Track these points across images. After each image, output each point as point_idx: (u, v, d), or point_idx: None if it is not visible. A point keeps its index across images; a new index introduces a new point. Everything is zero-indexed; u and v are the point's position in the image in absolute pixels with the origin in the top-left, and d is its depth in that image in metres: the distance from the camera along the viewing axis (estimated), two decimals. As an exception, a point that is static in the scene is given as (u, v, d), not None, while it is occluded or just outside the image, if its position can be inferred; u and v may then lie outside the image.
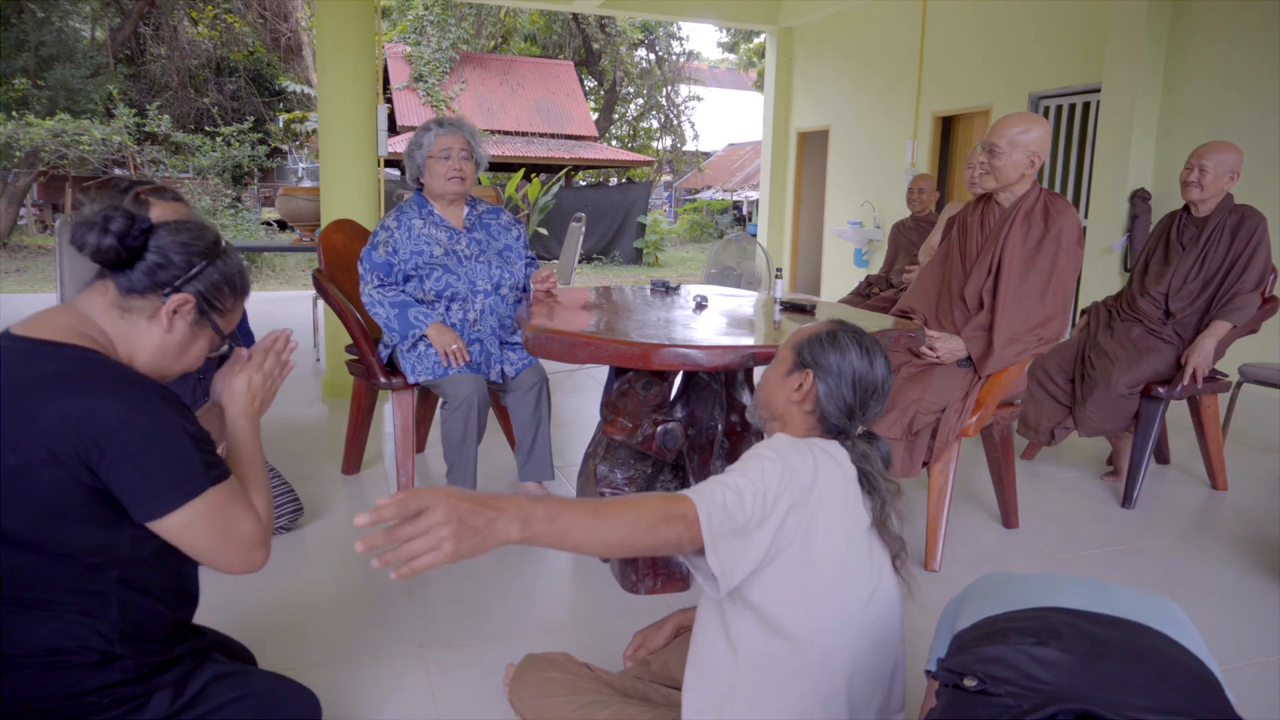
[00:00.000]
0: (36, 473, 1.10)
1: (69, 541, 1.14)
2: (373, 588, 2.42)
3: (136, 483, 1.14)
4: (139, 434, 1.13)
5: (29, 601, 1.15)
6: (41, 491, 1.11)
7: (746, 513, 1.17)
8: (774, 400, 1.45)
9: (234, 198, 12.83)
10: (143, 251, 1.25)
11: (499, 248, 2.98)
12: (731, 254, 5.64)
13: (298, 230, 5.99)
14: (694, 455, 2.52)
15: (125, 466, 1.12)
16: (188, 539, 1.19)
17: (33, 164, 12.12)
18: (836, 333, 1.43)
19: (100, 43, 15.31)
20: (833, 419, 1.39)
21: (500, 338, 2.96)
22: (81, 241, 1.21)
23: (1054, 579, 1.09)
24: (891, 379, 1.44)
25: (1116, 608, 1.00)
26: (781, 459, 1.24)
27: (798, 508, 1.22)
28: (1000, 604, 1.04)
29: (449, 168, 2.84)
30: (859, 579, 1.27)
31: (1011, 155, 2.61)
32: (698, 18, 9.32)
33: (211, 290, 1.30)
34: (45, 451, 1.09)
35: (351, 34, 4.29)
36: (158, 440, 1.15)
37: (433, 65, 15.17)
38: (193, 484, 1.17)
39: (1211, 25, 5.04)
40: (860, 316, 2.73)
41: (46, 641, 1.15)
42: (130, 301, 1.25)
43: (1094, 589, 1.04)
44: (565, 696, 1.50)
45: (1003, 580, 1.12)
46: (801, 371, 1.41)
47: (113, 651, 1.18)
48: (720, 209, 19.22)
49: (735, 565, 1.16)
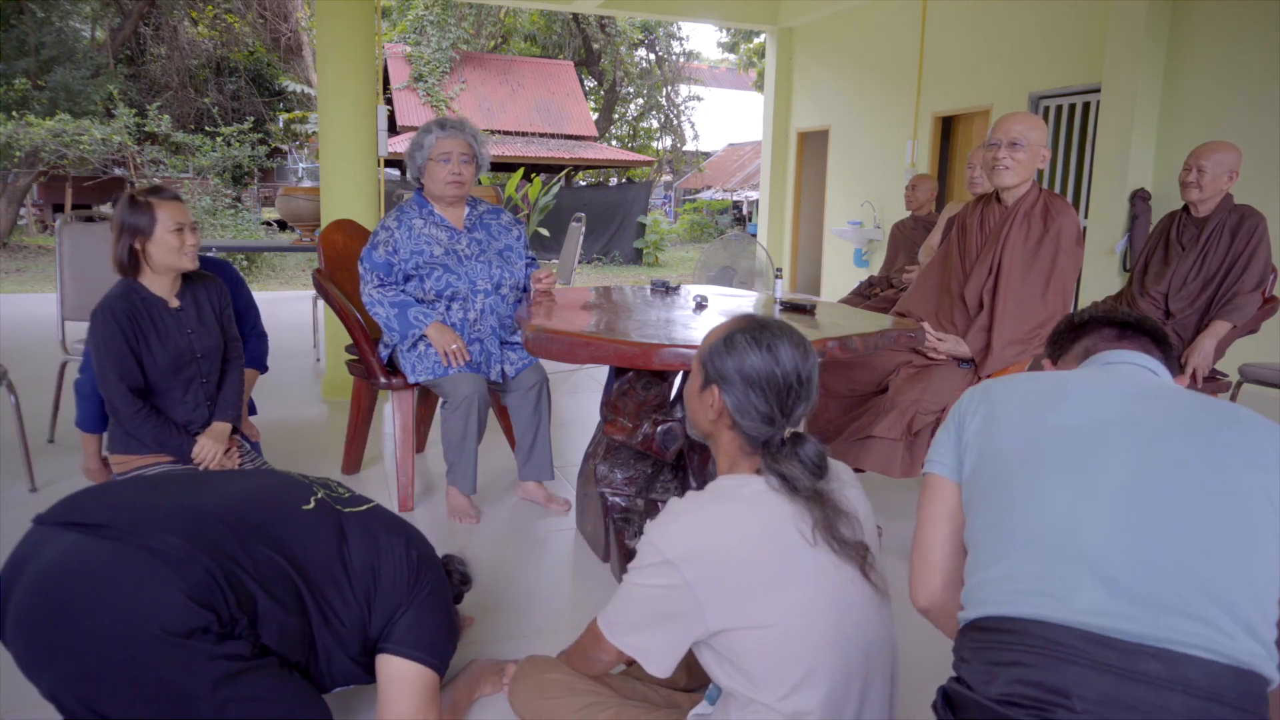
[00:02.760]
0: (397, 560, 1.57)
1: (339, 598, 1.50)
2: (373, 588, 2.42)
3: (414, 624, 1.55)
4: (445, 612, 1.62)
5: (291, 563, 1.44)
6: (383, 570, 1.55)
7: (634, 614, 1.26)
8: (698, 419, 1.37)
9: (234, 198, 12.82)
10: (462, 585, 1.86)
11: (499, 248, 2.98)
12: (721, 254, 5.63)
13: (298, 230, 6.00)
14: (694, 455, 2.52)
15: (421, 612, 1.55)
16: (392, 687, 1.54)
17: (33, 164, 12.12)
18: (732, 335, 1.31)
19: (100, 43, 15.31)
20: (753, 432, 1.29)
21: (500, 337, 2.96)
22: (450, 579, 1.81)
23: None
24: (811, 365, 1.32)
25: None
26: (664, 567, 1.20)
27: (705, 587, 1.18)
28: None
29: (448, 171, 2.83)
30: (818, 612, 1.20)
31: (1032, 147, 2.60)
32: (698, 18, 9.32)
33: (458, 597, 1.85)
34: (410, 555, 1.59)
35: (351, 34, 4.29)
36: (449, 617, 1.64)
37: (433, 65, 15.17)
38: (439, 656, 1.57)
39: (1211, 25, 5.04)
40: (860, 317, 2.73)
41: (262, 576, 1.41)
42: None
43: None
44: (565, 698, 1.50)
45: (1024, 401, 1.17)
46: (710, 388, 1.31)
47: (262, 624, 1.41)
48: (720, 209, 19.21)
49: (649, 653, 1.25)
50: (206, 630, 1.31)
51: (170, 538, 1.34)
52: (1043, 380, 1.16)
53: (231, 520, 1.43)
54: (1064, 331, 1.37)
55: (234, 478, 1.63)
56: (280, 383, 4.82)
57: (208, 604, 1.32)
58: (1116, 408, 1.09)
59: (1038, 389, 1.15)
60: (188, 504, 1.44)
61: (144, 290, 2.34)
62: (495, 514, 3.00)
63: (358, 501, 1.65)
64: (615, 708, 1.47)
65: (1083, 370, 1.23)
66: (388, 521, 1.63)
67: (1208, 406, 1.07)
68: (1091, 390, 1.13)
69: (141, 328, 2.29)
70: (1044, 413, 1.11)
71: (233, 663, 1.33)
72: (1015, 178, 2.62)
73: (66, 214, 9.09)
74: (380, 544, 1.56)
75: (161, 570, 1.31)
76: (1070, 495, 1.02)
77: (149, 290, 2.34)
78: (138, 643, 1.27)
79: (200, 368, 2.48)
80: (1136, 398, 1.10)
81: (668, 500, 2.51)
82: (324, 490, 1.64)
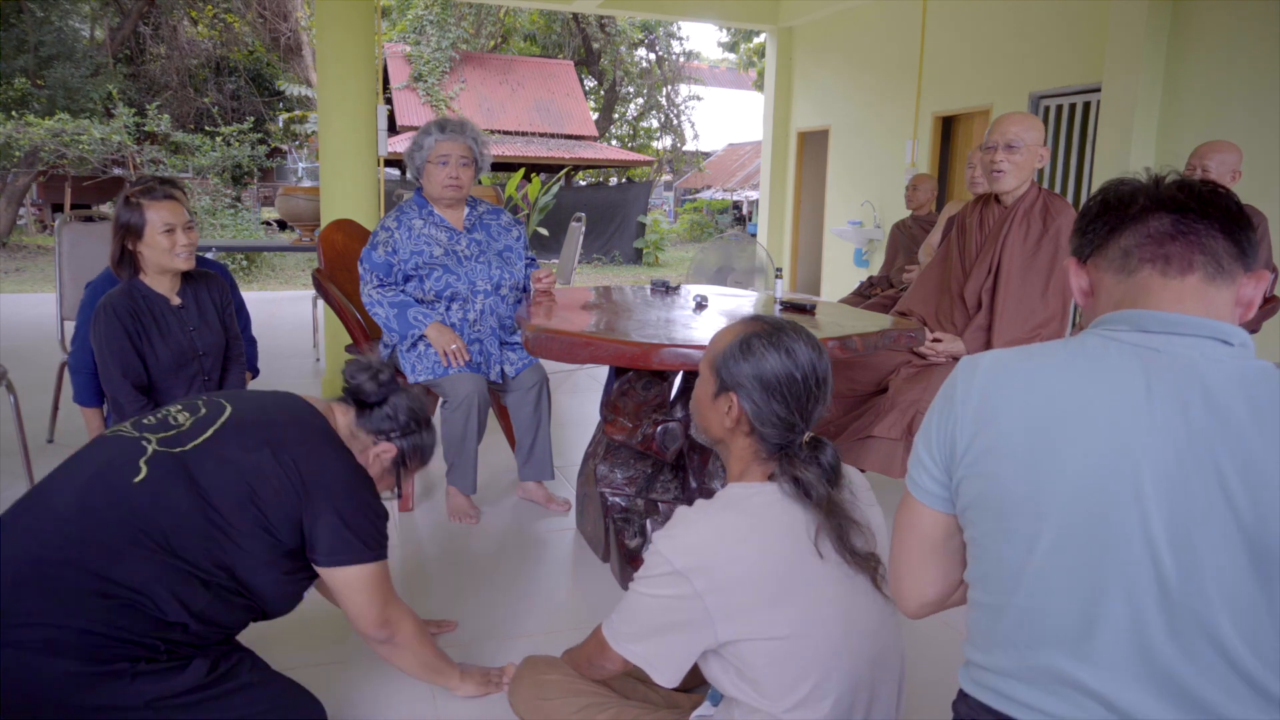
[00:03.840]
0: (275, 478, 1.39)
1: (240, 539, 1.37)
2: (373, 588, 2.42)
3: (336, 530, 1.44)
4: (358, 499, 1.48)
5: (163, 545, 1.32)
6: (267, 493, 1.38)
7: (640, 623, 1.24)
8: (710, 426, 1.32)
9: (234, 198, 12.81)
10: (382, 404, 1.61)
11: (499, 248, 2.98)
12: (714, 255, 5.63)
13: (297, 230, 6.00)
14: (694, 455, 2.52)
15: (335, 515, 1.44)
16: (353, 592, 1.50)
17: (32, 164, 12.11)
18: (748, 339, 1.26)
19: (100, 42, 15.29)
20: (773, 439, 1.24)
21: (500, 338, 2.96)
22: (355, 381, 1.60)
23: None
24: (826, 365, 1.27)
25: None
26: (673, 577, 1.17)
27: (715, 597, 1.15)
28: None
29: (446, 174, 2.83)
30: (827, 624, 1.18)
31: (1029, 149, 2.59)
32: (698, 18, 9.31)
33: (411, 452, 1.64)
34: (296, 471, 1.41)
35: (351, 34, 4.29)
36: (368, 512, 1.49)
37: (432, 65, 15.16)
38: (375, 550, 1.50)
39: (1212, 25, 5.04)
40: (860, 317, 2.73)
41: (143, 583, 1.30)
42: (357, 430, 1.60)
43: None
44: (564, 699, 1.50)
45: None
46: (725, 395, 1.27)
47: (186, 621, 1.34)
48: (720, 209, 19.21)
49: (656, 662, 1.22)
50: (132, 665, 1.28)
51: (20, 630, 1.22)
52: (1053, 397, 0.91)
53: (74, 555, 1.28)
54: (1097, 217, 1.00)
55: (61, 484, 1.38)
56: (280, 383, 4.81)
57: (105, 658, 1.25)
58: (1151, 468, 0.84)
59: (1047, 415, 0.90)
60: (27, 553, 1.28)
61: (145, 288, 2.34)
62: (495, 514, 2.99)
63: (204, 425, 1.43)
64: (615, 708, 1.47)
65: (1109, 376, 0.89)
66: (244, 435, 1.42)
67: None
68: (1119, 428, 0.86)
69: (143, 325, 2.30)
70: (1054, 456, 0.89)
71: (182, 696, 1.32)
72: (1013, 181, 2.62)
73: (66, 214, 9.09)
74: (244, 467, 1.38)
75: (39, 659, 1.22)
76: (1079, 605, 0.87)
77: (150, 288, 2.34)
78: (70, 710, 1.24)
79: (202, 365, 2.48)
80: (1180, 454, 0.83)
81: (669, 500, 2.51)
82: (158, 435, 1.42)
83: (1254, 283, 0.94)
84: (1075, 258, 1.04)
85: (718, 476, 2.60)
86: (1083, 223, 1.03)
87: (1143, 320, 0.92)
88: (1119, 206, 0.98)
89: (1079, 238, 1.03)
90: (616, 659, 1.30)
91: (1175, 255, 0.93)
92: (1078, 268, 1.03)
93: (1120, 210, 0.98)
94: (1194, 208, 0.93)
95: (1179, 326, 0.90)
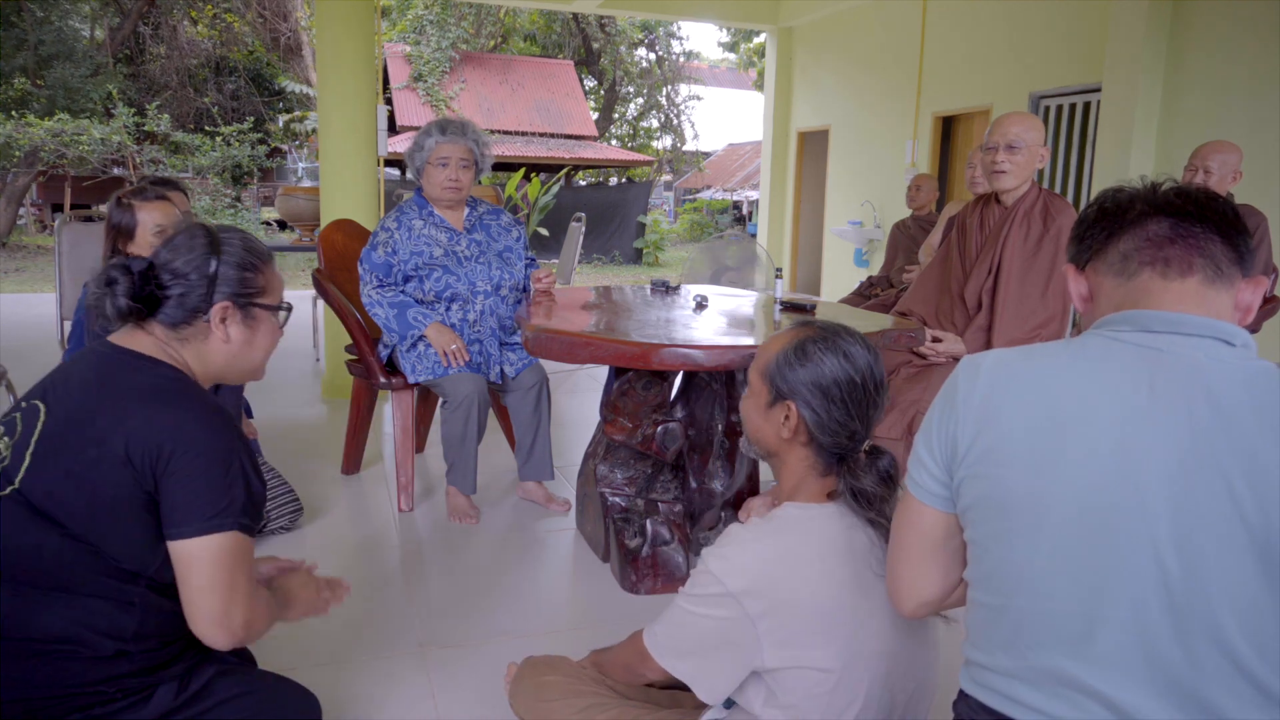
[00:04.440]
0: (109, 473, 1.15)
1: (112, 543, 1.17)
2: (372, 588, 2.42)
3: (182, 495, 1.17)
4: (204, 452, 1.18)
5: (57, 585, 1.17)
6: (107, 488, 1.16)
7: (686, 639, 1.19)
8: (764, 438, 1.27)
9: (234, 198, 12.83)
10: (160, 290, 1.28)
11: (499, 249, 2.98)
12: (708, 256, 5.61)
13: (297, 230, 5.99)
14: (694, 455, 2.52)
15: (181, 477, 1.17)
16: (193, 570, 1.18)
17: (32, 164, 12.11)
18: (803, 344, 1.21)
19: (100, 42, 15.30)
20: (833, 447, 1.20)
21: (500, 338, 2.96)
22: (103, 313, 1.26)
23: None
24: (882, 366, 1.23)
25: None
26: (725, 599, 1.12)
27: (766, 620, 1.11)
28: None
29: (445, 176, 2.83)
30: (874, 658, 1.15)
31: (1030, 149, 2.60)
32: (698, 17, 9.31)
33: (238, 284, 1.32)
34: (124, 452, 1.15)
35: (351, 34, 4.29)
36: (217, 464, 1.19)
37: (432, 65, 15.16)
38: (227, 516, 1.19)
39: (1212, 25, 5.04)
40: (860, 317, 2.73)
41: (63, 630, 1.16)
42: (182, 332, 1.29)
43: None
44: (564, 700, 1.48)
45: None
46: (782, 404, 1.21)
47: (125, 648, 1.19)
48: (720, 209, 19.21)
49: (700, 679, 1.17)
50: (84, 717, 1.18)
51: None
52: (1056, 398, 0.90)
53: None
54: (1094, 223, 1.00)
55: None
56: (280, 383, 4.81)
57: (59, 716, 1.15)
58: (1155, 470, 0.83)
59: (1050, 416, 0.90)
60: None
61: None
62: (495, 514, 2.99)
63: (22, 448, 1.20)
64: (616, 709, 1.45)
65: (1112, 376, 0.89)
66: (65, 437, 1.19)
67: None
68: (1123, 429, 0.86)
69: None
70: (1057, 457, 0.88)
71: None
72: (1014, 180, 2.62)
73: (65, 214, 9.09)
74: (75, 472, 1.17)
75: None
76: (1084, 609, 0.87)
77: None
78: None
79: None
80: (1184, 455, 0.83)
81: (669, 500, 2.51)
82: None
83: (1252, 288, 0.95)
84: (1073, 264, 1.04)
85: (718, 476, 2.60)
86: (1080, 230, 1.03)
87: (1146, 320, 0.92)
88: (1116, 212, 0.98)
89: (1076, 245, 1.03)
90: (658, 669, 1.25)
91: (1175, 258, 0.93)
92: (1076, 274, 1.03)
93: (1118, 216, 0.98)
94: (1191, 212, 0.94)
95: (1182, 326, 0.90)
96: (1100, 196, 1.02)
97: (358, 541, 2.73)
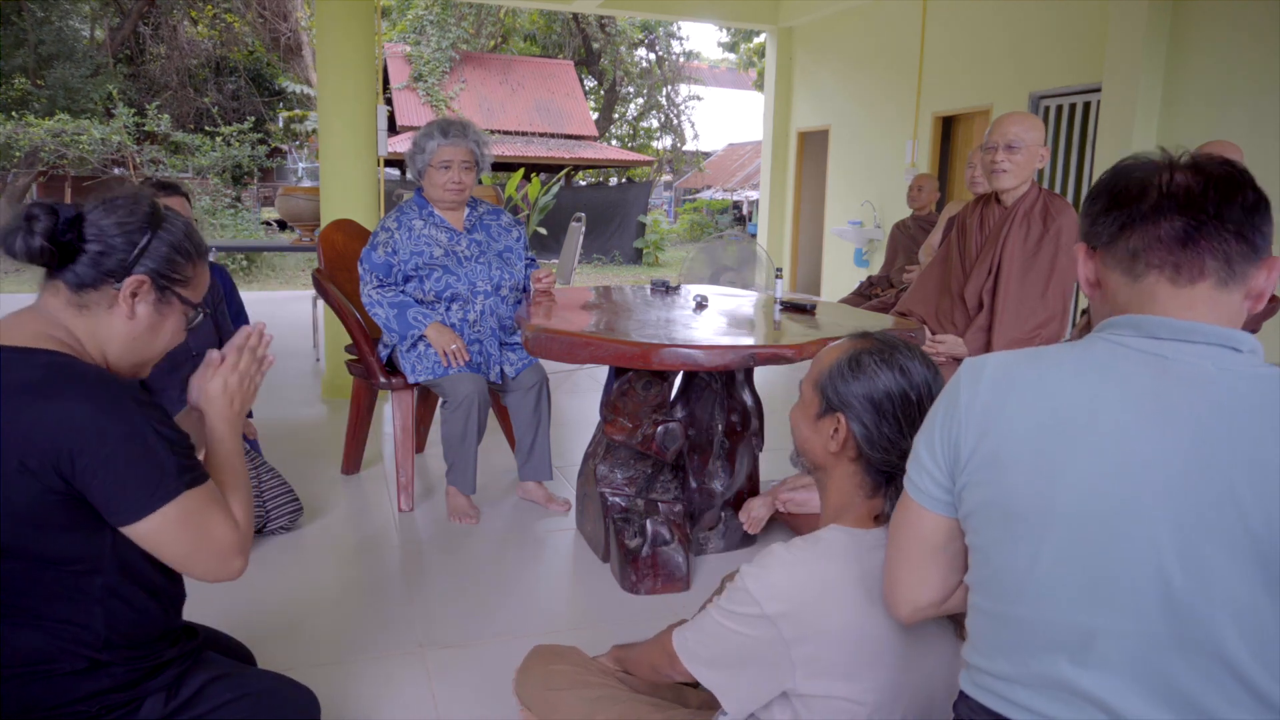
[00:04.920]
0: (12, 484, 1.06)
1: (51, 550, 1.10)
2: (373, 588, 2.42)
3: (110, 487, 1.09)
4: (110, 438, 1.08)
5: (11, 609, 1.11)
6: (20, 501, 1.07)
7: (717, 651, 1.16)
8: (811, 450, 1.24)
9: (234, 198, 12.82)
10: (80, 243, 1.17)
11: (499, 249, 2.98)
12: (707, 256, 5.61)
13: (298, 230, 5.99)
14: (694, 455, 2.52)
15: (98, 472, 1.08)
16: (162, 545, 1.13)
17: (32, 164, 12.12)
18: (858, 356, 1.18)
19: (100, 42, 15.30)
20: (881, 465, 1.17)
21: (500, 338, 2.96)
22: (11, 249, 1.15)
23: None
24: (941, 383, 1.17)
25: None
26: (760, 620, 1.09)
27: (801, 647, 1.09)
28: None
29: (448, 179, 2.83)
30: (908, 694, 1.12)
31: (1029, 148, 2.60)
32: (698, 18, 9.32)
33: (164, 264, 1.22)
34: (18, 463, 1.05)
35: (351, 34, 4.29)
36: (129, 444, 1.09)
37: (432, 65, 15.16)
38: (166, 488, 1.11)
39: (1212, 25, 5.04)
40: (860, 317, 2.73)
41: (31, 651, 1.12)
42: (85, 297, 1.19)
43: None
44: (571, 690, 1.47)
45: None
46: (831, 416, 1.18)
47: (99, 659, 1.15)
48: (720, 209, 19.21)
49: (728, 692, 1.14)
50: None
51: None
52: (1060, 403, 0.89)
53: None
54: (1106, 211, 0.95)
55: None
56: (280, 383, 4.81)
57: None
58: (1159, 477, 0.83)
59: (1054, 422, 0.89)
60: None
61: None
62: (495, 514, 2.99)
63: None
64: (624, 703, 1.44)
65: (1117, 383, 0.88)
66: None
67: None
68: (1127, 436, 0.85)
69: None
70: (1062, 464, 0.87)
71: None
72: (1013, 180, 2.63)
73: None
74: None
75: None
76: (1085, 617, 0.86)
77: None
78: None
79: (195, 365, 2.47)
80: (1188, 463, 0.82)
81: (669, 500, 2.51)
82: None
83: (1265, 273, 0.91)
84: (1085, 244, 0.99)
85: (718, 476, 2.60)
86: (1092, 209, 0.97)
87: (1152, 327, 0.90)
88: (1128, 202, 0.93)
89: (1088, 224, 0.98)
90: (685, 672, 1.23)
91: (1186, 263, 0.89)
92: (1086, 256, 0.99)
93: (1129, 207, 0.92)
94: (1208, 210, 0.88)
95: (1189, 334, 0.88)
96: (1114, 173, 0.96)
97: (358, 541, 2.74)
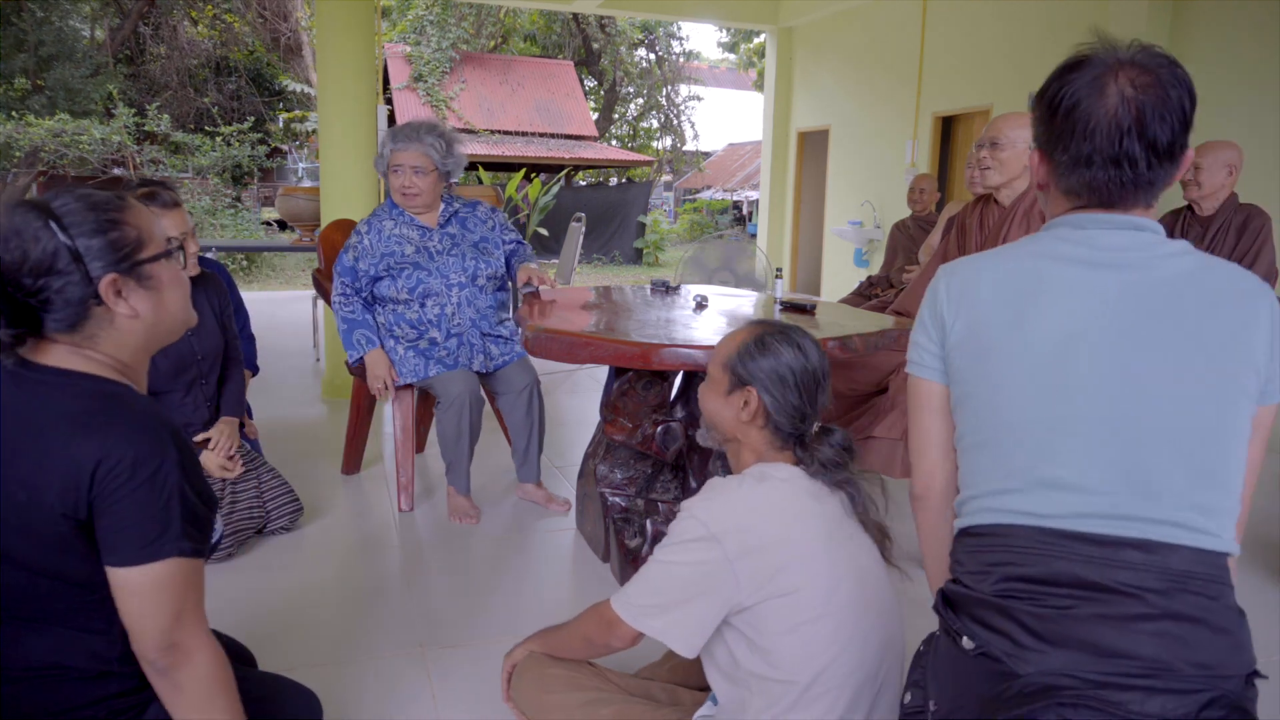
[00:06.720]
0: (45, 512, 1.06)
1: (76, 571, 1.11)
2: (373, 588, 2.42)
3: (111, 523, 1.07)
4: (133, 478, 1.07)
5: (32, 617, 1.13)
6: (49, 528, 1.07)
7: (663, 595, 1.26)
8: (722, 422, 1.40)
9: (234, 198, 12.81)
10: (36, 298, 1.09)
11: (474, 239, 2.96)
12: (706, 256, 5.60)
13: (298, 230, 5.99)
14: (694, 455, 2.52)
15: (108, 505, 1.07)
16: (128, 598, 1.08)
17: (32, 164, 12.10)
18: (763, 337, 1.37)
19: (100, 42, 15.30)
20: (787, 429, 1.35)
21: (481, 329, 2.94)
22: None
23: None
24: (826, 359, 1.39)
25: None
26: (707, 541, 1.23)
27: (744, 561, 1.21)
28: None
29: (399, 183, 2.84)
30: (844, 596, 1.25)
31: (1015, 147, 2.60)
32: (698, 18, 9.31)
33: (112, 250, 1.12)
34: (53, 495, 1.06)
35: (351, 34, 4.29)
36: (146, 489, 1.07)
37: (432, 65, 15.16)
38: (161, 544, 1.08)
39: (1212, 25, 5.04)
40: (860, 317, 2.73)
41: (45, 657, 1.13)
42: (85, 330, 1.13)
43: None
44: (566, 693, 1.48)
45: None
46: (742, 390, 1.36)
47: (110, 669, 1.16)
48: (720, 209, 19.21)
49: (677, 633, 1.25)
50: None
51: None
52: (1018, 275, 1.10)
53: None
54: (1058, 136, 1.10)
55: None
56: (280, 383, 4.81)
57: None
58: (1094, 318, 1.05)
59: (1015, 287, 1.10)
60: None
61: None
62: (495, 514, 2.99)
63: None
64: (618, 704, 1.45)
65: (1057, 264, 1.09)
66: None
67: (1189, 294, 1.04)
68: (1069, 295, 1.06)
69: None
70: (1022, 321, 1.07)
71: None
72: (998, 178, 2.64)
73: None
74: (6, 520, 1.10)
75: None
76: (1050, 419, 1.05)
77: None
78: None
79: (201, 369, 2.48)
80: (1115, 303, 1.04)
81: (669, 500, 2.51)
82: None
83: (1178, 171, 1.09)
84: (1040, 150, 1.14)
85: (718, 476, 2.59)
86: (1048, 118, 1.10)
87: (1083, 221, 1.10)
88: (1075, 134, 1.07)
89: (1044, 131, 1.12)
90: (628, 635, 1.32)
91: (1118, 201, 1.09)
92: (1040, 161, 1.14)
93: (1076, 140, 1.07)
94: (1143, 159, 1.05)
95: (1115, 223, 1.09)
96: (1063, 86, 1.09)
97: (358, 541, 2.74)
